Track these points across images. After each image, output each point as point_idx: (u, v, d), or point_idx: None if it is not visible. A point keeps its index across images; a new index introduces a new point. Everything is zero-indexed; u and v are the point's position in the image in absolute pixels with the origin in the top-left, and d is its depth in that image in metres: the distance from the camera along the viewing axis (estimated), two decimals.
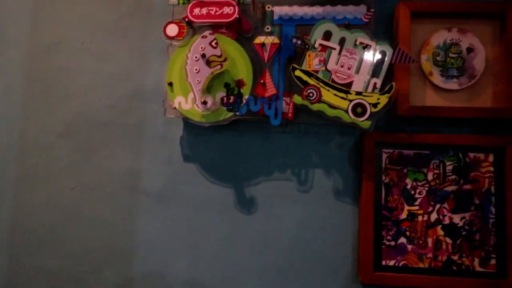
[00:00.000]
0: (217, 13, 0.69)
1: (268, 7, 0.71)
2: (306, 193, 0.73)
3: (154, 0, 0.78)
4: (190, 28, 0.72)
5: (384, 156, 0.70)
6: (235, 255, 0.73)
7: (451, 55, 0.71)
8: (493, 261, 0.66)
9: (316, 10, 0.69)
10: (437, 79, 0.70)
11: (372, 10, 0.68)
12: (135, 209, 0.75)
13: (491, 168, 0.68)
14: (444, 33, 0.71)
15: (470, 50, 0.71)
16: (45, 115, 0.79)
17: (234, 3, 0.69)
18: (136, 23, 0.79)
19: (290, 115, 0.69)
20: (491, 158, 0.68)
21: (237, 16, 0.69)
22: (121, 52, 0.79)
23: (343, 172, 0.72)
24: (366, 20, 0.68)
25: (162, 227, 0.75)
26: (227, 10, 0.70)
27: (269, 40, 0.68)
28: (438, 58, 0.71)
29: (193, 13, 0.70)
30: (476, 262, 0.66)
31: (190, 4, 0.71)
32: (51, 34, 0.82)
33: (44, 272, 0.77)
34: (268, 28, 0.70)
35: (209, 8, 0.70)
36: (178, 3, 0.73)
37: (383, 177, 0.69)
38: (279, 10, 0.70)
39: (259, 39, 0.69)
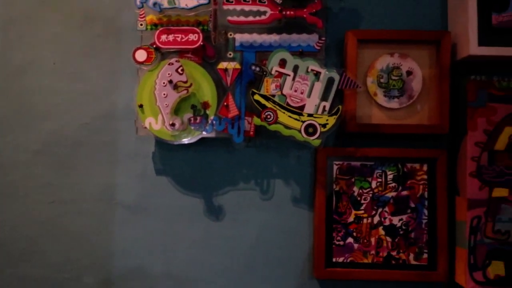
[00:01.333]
0: (182, 40, 0.74)
1: (230, 35, 0.76)
2: (268, 201, 0.80)
3: (123, 24, 0.81)
4: (159, 53, 0.77)
5: (335, 167, 0.78)
6: (205, 259, 0.80)
7: (393, 77, 0.79)
8: (425, 256, 0.77)
9: (274, 38, 0.75)
10: (381, 99, 0.79)
11: (323, 38, 0.76)
12: (112, 220, 0.81)
13: (425, 176, 0.78)
14: (387, 58, 0.79)
15: (409, 73, 0.80)
16: (21, 134, 0.82)
17: (198, 30, 0.74)
18: (107, 45, 0.82)
19: (251, 133, 0.76)
20: (425, 167, 0.78)
21: (201, 43, 0.74)
22: (93, 73, 0.82)
23: (300, 182, 0.80)
24: (318, 48, 0.75)
25: (138, 236, 0.80)
26: (192, 37, 0.74)
27: (231, 65, 0.74)
28: (381, 80, 0.79)
29: (160, 40, 0.75)
30: (411, 256, 0.77)
31: (157, 31, 0.75)
32: (23, 54, 0.83)
33: (26, 280, 0.81)
34: (230, 54, 0.76)
35: (175, 35, 0.75)
36: (146, 29, 0.77)
37: (334, 186, 0.78)
38: (240, 37, 0.75)
39: (222, 65, 0.74)
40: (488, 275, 0.74)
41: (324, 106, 0.72)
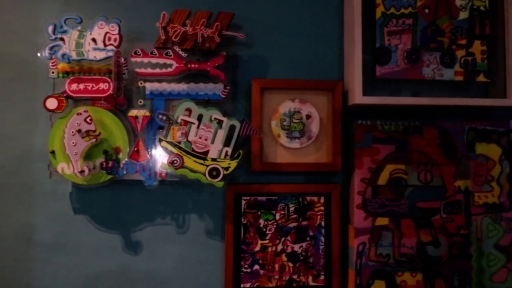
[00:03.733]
0: (93, 89, 0.76)
1: (141, 83, 0.79)
2: (184, 234, 0.85)
3: (38, 69, 0.80)
4: (72, 100, 0.77)
5: (243, 202, 0.84)
6: None
7: (294, 120, 0.86)
8: (322, 277, 0.85)
9: (182, 86, 0.80)
10: (283, 140, 0.85)
11: (228, 87, 0.81)
12: (31, 259, 0.81)
13: (322, 208, 0.86)
14: (289, 103, 0.86)
15: (308, 116, 0.87)
16: None
17: (109, 80, 0.76)
18: (21, 88, 0.82)
19: (163, 175, 0.79)
20: (322, 200, 0.86)
21: (112, 92, 0.76)
22: (7, 115, 0.82)
23: (213, 216, 0.85)
24: (224, 96, 0.80)
25: (58, 273, 0.82)
26: (103, 86, 0.76)
27: (141, 113, 0.77)
28: (284, 123, 0.86)
29: (71, 88, 0.76)
30: (310, 278, 0.85)
31: (68, 80, 0.76)
32: None
33: None
34: (141, 102, 0.79)
35: (86, 83, 0.76)
36: (58, 76, 0.77)
37: (242, 219, 0.84)
38: (150, 86, 0.79)
39: (133, 112, 0.77)
40: None
41: (227, 151, 0.77)
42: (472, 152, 0.86)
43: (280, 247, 0.84)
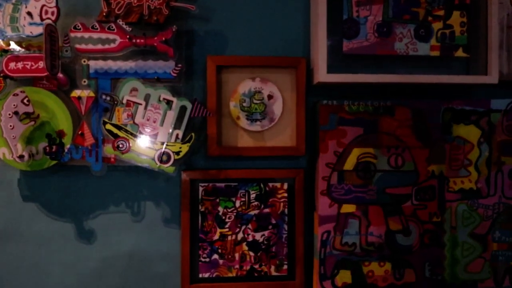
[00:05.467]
0: (32, 68, 0.70)
1: (84, 61, 0.73)
2: (139, 222, 0.80)
3: None
4: (12, 80, 0.72)
5: (201, 189, 0.79)
6: (79, 282, 0.79)
7: (255, 101, 0.79)
8: (285, 267, 0.80)
9: (129, 64, 0.73)
10: (243, 122, 0.79)
11: (180, 65, 0.74)
12: None
13: (285, 194, 0.80)
14: (249, 83, 0.79)
15: (270, 97, 0.80)
16: None
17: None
18: None
19: (113, 160, 0.74)
20: (285, 186, 0.80)
21: (46, 71, 0.70)
22: None
23: (169, 203, 0.80)
24: (175, 75, 0.74)
25: (8, 262, 0.78)
26: (42, 64, 0.70)
27: (85, 93, 0.71)
28: (244, 104, 0.79)
29: (9, 67, 0.69)
30: (273, 268, 0.80)
31: (5, 58, 0.70)
32: None
33: None
34: (85, 82, 0.73)
35: (25, 62, 0.70)
36: None
37: (200, 207, 0.79)
38: (95, 64, 0.72)
39: (76, 93, 0.70)
40: (336, 283, 0.78)
41: (177, 134, 0.71)
42: (448, 135, 0.79)
43: (240, 235, 0.79)
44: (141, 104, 0.70)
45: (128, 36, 0.70)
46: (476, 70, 0.82)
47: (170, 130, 0.70)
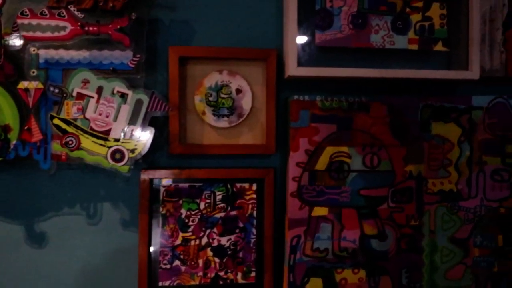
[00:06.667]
0: None
1: (34, 50, 0.67)
2: (95, 225, 0.74)
3: None
4: None
5: (162, 189, 0.73)
6: None
7: (222, 95, 0.74)
8: (253, 274, 0.75)
9: (83, 54, 0.67)
10: (209, 118, 0.74)
11: (139, 55, 0.68)
12: None
13: (254, 196, 0.75)
14: (216, 76, 0.74)
15: (239, 91, 0.75)
16: None
17: None
18: None
19: (64, 157, 0.69)
20: (254, 187, 0.75)
21: None
22: None
23: (129, 204, 0.74)
24: (132, 65, 0.68)
25: None
26: None
27: (33, 85, 0.65)
28: (210, 98, 0.74)
29: None
30: (239, 276, 0.75)
31: None
32: None
33: None
34: (33, 72, 0.67)
35: None
36: None
37: (161, 209, 0.73)
38: (45, 53, 0.66)
39: (23, 84, 0.65)
40: None
41: (132, 130, 0.66)
42: (427, 133, 0.75)
43: (204, 240, 0.73)
44: (92, 97, 0.64)
45: (79, 24, 0.65)
46: (457, 65, 0.77)
47: (125, 126, 0.65)
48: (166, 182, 0.72)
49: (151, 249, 0.72)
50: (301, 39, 0.73)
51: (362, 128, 0.74)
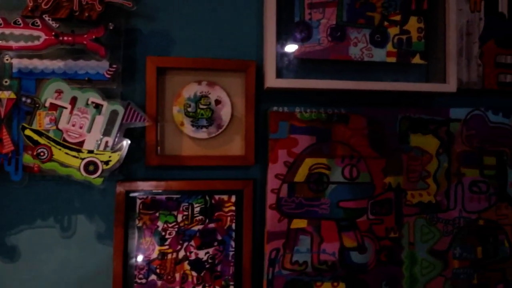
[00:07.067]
0: None
1: (7, 59, 0.66)
2: (69, 238, 0.72)
3: None
4: None
5: (138, 202, 0.71)
6: None
7: (201, 106, 0.73)
8: None
9: (58, 64, 0.66)
10: (188, 129, 0.73)
11: (115, 65, 0.68)
12: None
13: (233, 208, 0.74)
14: (195, 86, 0.73)
15: (218, 102, 0.75)
16: None
17: None
18: None
19: (36, 169, 0.67)
20: (233, 199, 0.74)
21: None
22: None
23: (104, 217, 0.73)
24: (109, 76, 0.68)
25: None
26: None
27: (5, 95, 0.64)
28: (189, 109, 0.73)
29: None
30: None
31: None
32: None
33: None
34: (6, 82, 0.65)
35: None
36: None
37: (137, 222, 0.71)
38: (18, 63, 0.65)
39: None
40: None
41: (107, 142, 0.64)
42: (406, 144, 0.76)
43: (182, 253, 0.72)
44: (66, 108, 0.63)
45: (54, 33, 0.64)
46: (435, 77, 0.79)
47: (99, 137, 0.64)
48: (142, 194, 0.72)
49: (126, 263, 0.70)
50: (280, 51, 0.73)
51: (341, 139, 0.74)
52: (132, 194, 0.71)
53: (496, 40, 0.81)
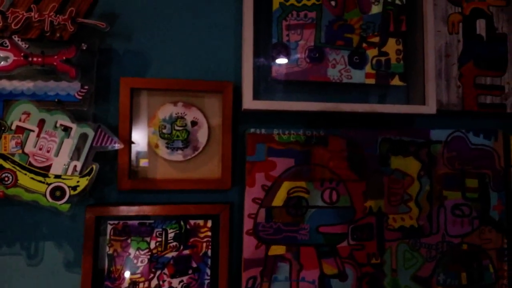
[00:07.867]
0: None
1: None
2: (36, 266, 0.69)
3: None
4: None
5: (109, 227, 0.69)
6: None
7: (176, 128, 0.72)
8: None
9: (27, 85, 0.65)
10: (162, 151, 0.71)
11: (86, 87, 0.66)
12: None
13: (209, 233, 0.71)
14: (170, 107, 0.72)
15: (194, 123, 0.73)
16: None
17: None
18: None
19: (1, 194, 0.65)
20: (209, 223, 0.72)
21: None
22: None
23: (74, 244, 0.70)
24: (80, 97, 0.67)
25: None
26: None
27: None
28: (164, 131, 0.71)
29: None
30: None
31: None
32: None
33: None
34: None
35: None
36: None
37: (107, 249, 0.68)
38: None
39: None
40: None
41: (75, 166, 0.62)
42: (386, 167, 0.75)
43: (154, 282, 0.69)
44: (33, 131, 0.61)
45: (23, 54, 0.63)
46: (415, 99, 0.79)
47: (67, 161, 0.62)
48: (113, 219, 0.68)
49: None
50: (258, 72, 0.72)
51: (320, 162, 0.73)
52: (102, 220, 0.68)
53: (475, 61, 0.83)
